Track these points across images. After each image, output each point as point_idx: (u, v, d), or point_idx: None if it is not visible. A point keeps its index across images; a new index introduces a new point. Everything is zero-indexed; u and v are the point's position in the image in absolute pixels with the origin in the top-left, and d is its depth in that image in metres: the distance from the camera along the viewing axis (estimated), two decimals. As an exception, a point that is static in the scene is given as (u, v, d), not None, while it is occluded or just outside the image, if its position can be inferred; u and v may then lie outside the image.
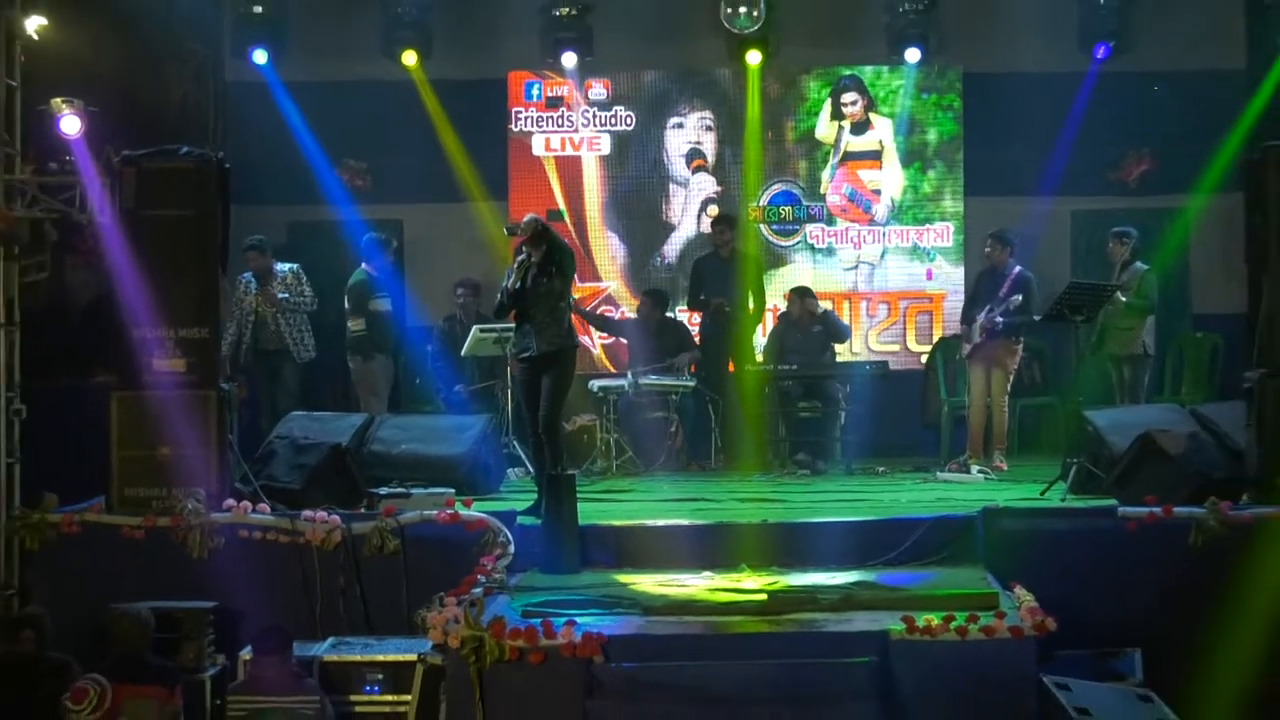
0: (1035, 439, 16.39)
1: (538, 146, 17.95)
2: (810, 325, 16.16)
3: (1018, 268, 15.33)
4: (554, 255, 12.71)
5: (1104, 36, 16.66)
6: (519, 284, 12.66)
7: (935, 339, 17.44)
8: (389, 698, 10.29)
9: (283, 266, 15.76)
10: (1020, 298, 14.94)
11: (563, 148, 17.97)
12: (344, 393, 16.62)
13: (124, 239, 11.93)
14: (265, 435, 13.77)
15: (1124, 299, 14.98)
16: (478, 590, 10.32)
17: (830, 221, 17.92)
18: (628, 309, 17.72)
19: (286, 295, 15.58)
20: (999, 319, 15.07)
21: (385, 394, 16.16)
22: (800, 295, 16.27)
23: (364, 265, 16.19)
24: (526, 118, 17.93)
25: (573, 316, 13.14)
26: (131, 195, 11.92)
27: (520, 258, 12.77)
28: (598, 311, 17.69)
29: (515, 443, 15.45)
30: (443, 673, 9.66)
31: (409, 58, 16.97)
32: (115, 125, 13.35)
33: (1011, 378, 15.39)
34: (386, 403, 16.02)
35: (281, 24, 16.66)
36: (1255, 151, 12.40)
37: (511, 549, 11.32)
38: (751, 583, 10.98)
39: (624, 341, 17.03)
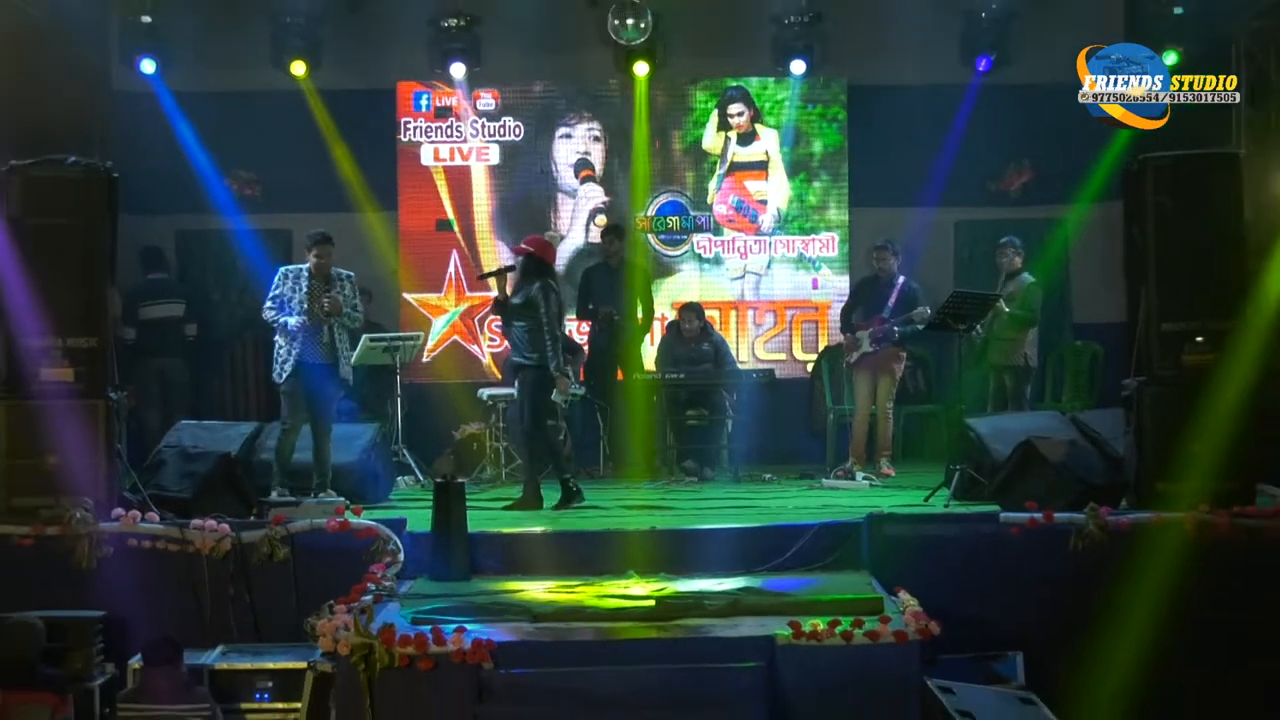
0: (919, 446, 16.49)
1: (426, 156, 17.92)
2: (700, 342, 16.19)
3: (902, 278, 15.49)
4: None
5: (985, 49, 16.81)
6: None
7: (821, 347, 17.54)
8: (279, 705, 10.23)
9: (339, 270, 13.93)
10: (926, 310, 15.04)
11: (451, 158, 17.95)
12: None
13: (10, 248, 11.71)
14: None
15: (1007, 309, 15.14)
16: (367, 598, 10.31)
17: (717, 231, 17.98)
18: (517, 318, 17.65)
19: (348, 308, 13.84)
20: (896, 329, 15.21)
21: (160, 398, 16.31)
22: (692, 312, 16.29)
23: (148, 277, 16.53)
24: (415, 128, 17.89)
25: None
26: (18, 204, 11.75)
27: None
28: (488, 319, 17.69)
29: (405, 451, 15.43)
30: (332, 680, 9.64)
31: (298, 68, 16.90)
32: (1, 134, 13.22)
33: (896, 385, 15.55)
34: (164, 408, 16.09)
35: (170, 33, 16.53)
36: (1133, 162, 12.46)
37: (401, 557, 11.34)
38: (639, 589, 11.02)
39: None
